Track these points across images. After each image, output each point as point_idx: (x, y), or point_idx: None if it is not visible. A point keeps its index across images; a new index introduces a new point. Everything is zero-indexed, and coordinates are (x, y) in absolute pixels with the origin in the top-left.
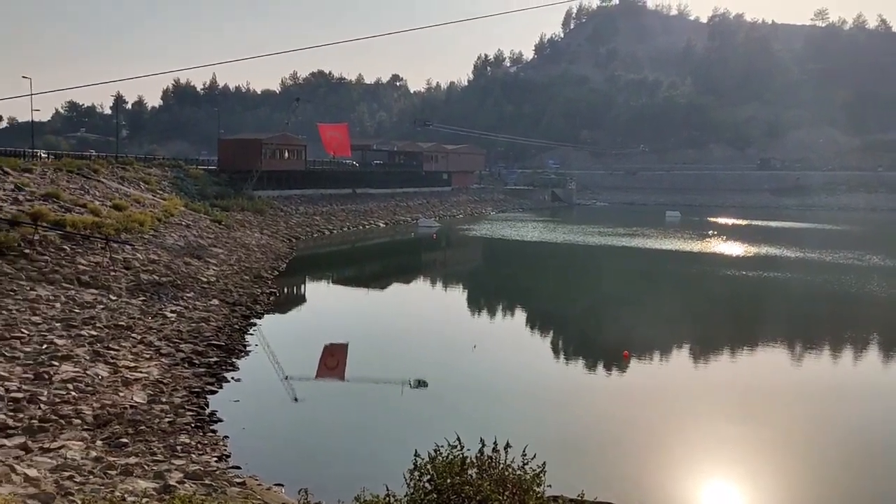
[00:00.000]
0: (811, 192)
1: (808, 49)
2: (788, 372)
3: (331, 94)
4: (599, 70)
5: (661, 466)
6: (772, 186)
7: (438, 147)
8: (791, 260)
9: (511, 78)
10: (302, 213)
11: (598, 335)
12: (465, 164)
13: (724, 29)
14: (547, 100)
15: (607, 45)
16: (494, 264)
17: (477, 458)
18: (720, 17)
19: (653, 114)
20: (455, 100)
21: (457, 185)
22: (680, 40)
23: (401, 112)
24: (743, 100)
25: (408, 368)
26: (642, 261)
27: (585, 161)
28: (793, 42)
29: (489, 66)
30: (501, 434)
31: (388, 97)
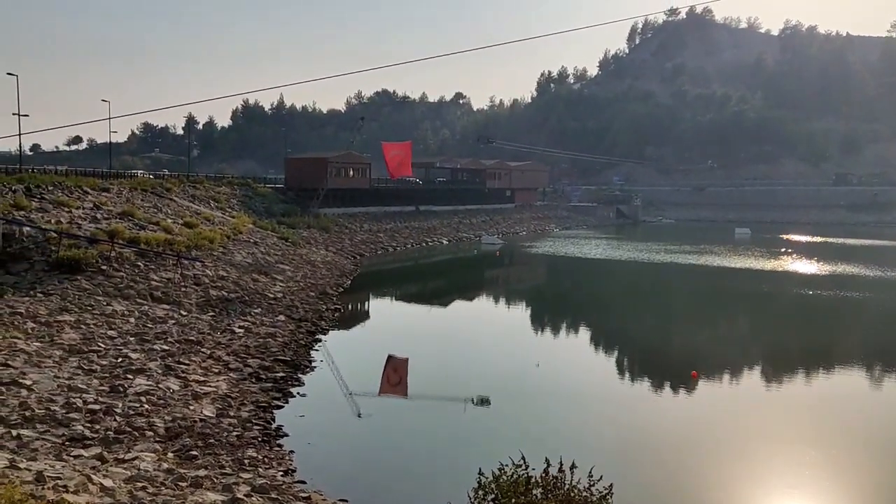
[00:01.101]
0: (890, 209)
1: (884, 61)
2: (864, 397)
3: (395, 112)
4: (665, 85)
5: (728, 490)
6: (848, 202)
7: (501, 164)
8: (869, 279)
9: (575, 94)
10: (366, 230)
11: (664, 354)
12: (528, 181)
13: (797, 41)
14: (611, 116)
15: (673, 59)
16: (558, 282)
17: (542, 478)
18: (792, 30)
19: (721, 129)
20: (518, 117)
21: (520, 201)
22: (750, 54)
23: (464, 129)
24: (817, 114)
25: (470, 385)
26: (710, 279)
27: (651, 177)
28: (869, 54)
29: (552, 82)
30: (566, 454)
31: (452, 115)
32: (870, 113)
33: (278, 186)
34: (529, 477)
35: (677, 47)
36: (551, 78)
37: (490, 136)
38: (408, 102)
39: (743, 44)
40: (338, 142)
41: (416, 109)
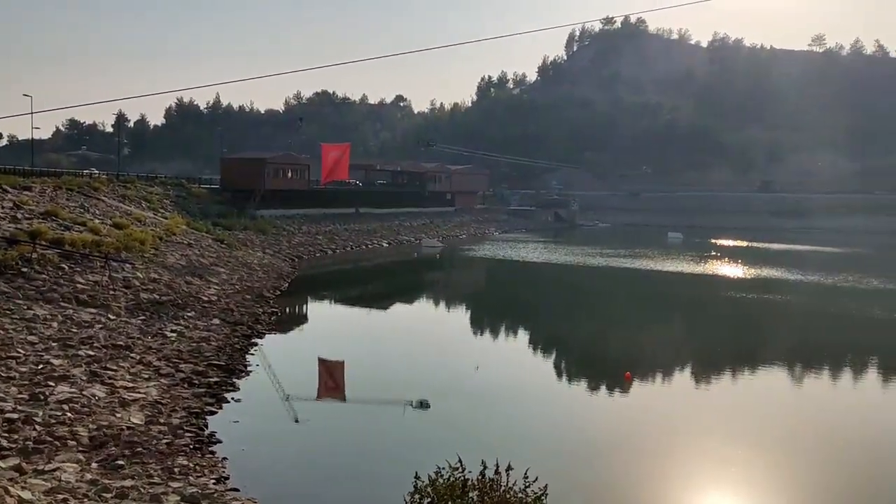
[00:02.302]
0: (811, 215)
1: (806, 74)
2: (789, 396)
3: (334, 113)
4: (602, 92)
5: (662, 486)
6: (772, 209)
7: (442, 167)
8: (791, 283)
9: (515, 99)
10: (305, 232)
11: (600, 356)
12: (469, 185)
13: (725, 54)
14: (550, 121)
15: (610, 67)
16: (497, 285)
17: (478, 481)
18: (720, 42)
19: (655, 136)
20: (459, 120)
21: (460, 205)
22: (681, 64)
23: (405, 132)
24: (744, 123)
25: (410, 389)
26: (644, 282)
27: (588, 182)
28: (792, 67)
29: (493, 87)
30: (504, 456)
31: (392, 117)
32: (792, 123)
33: (214, 187)
34: (466, 480)
35: (613, 55)
36: (491, 83)
37: (431, 139)
38: (348, 104)
39: (675, 54)
40: (276, 142)
41: (356, 111)
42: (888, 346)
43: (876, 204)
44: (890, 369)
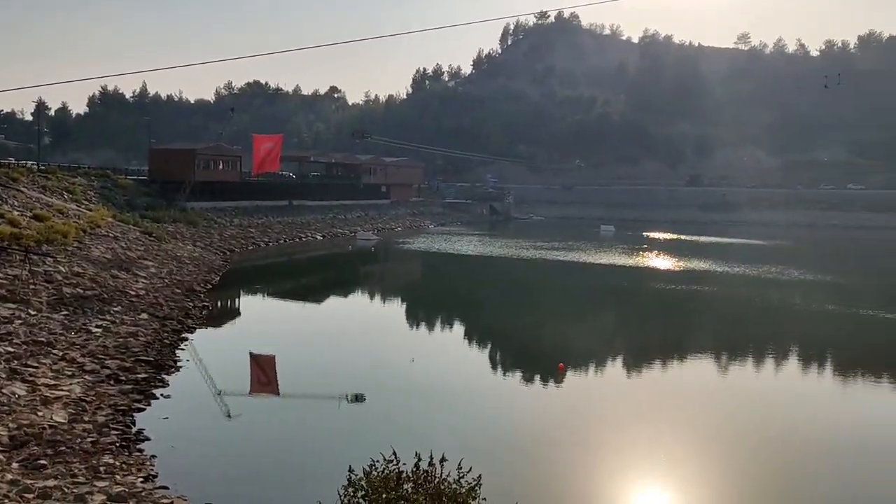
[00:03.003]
0: (736, 209)
1: (732, 71)
2: (716, 384)
3: (267, 104)
4: (536, 86)
5: (595, 475)
6: (700, 202)
7: (377, 160)
8: (719, 274)
9: (450, 92)
10: (237, 225)
11: (534, 348)
12: (404, 178)
13: (655, 50)
14: (485, 114)
15: (544, 61)
16: (432, 278)
17: (413, 473)
18: (650, 39)
19: (588, 130)
20: (394, 113)
21: (396, 198)
22: (613, 59)
23: (339, 124)
24: (673, 118)
25: (345, 382)
26: (577, 275)
27: (523, 175)
28: (718, 64)
29: (428, 79)
30: (439, 447)
31: (326, 109)
32: (719, 119)
33: (142, 178)
34: (401, 472)
35: (547, 50)
36: (426, 75)
37: (365, 131)
38: (280, 95)
39: (607, 49)
40: (207, 133)
41: (289, 102)
42: (808, 334)
43: (796, 198)
44: (809, 357)
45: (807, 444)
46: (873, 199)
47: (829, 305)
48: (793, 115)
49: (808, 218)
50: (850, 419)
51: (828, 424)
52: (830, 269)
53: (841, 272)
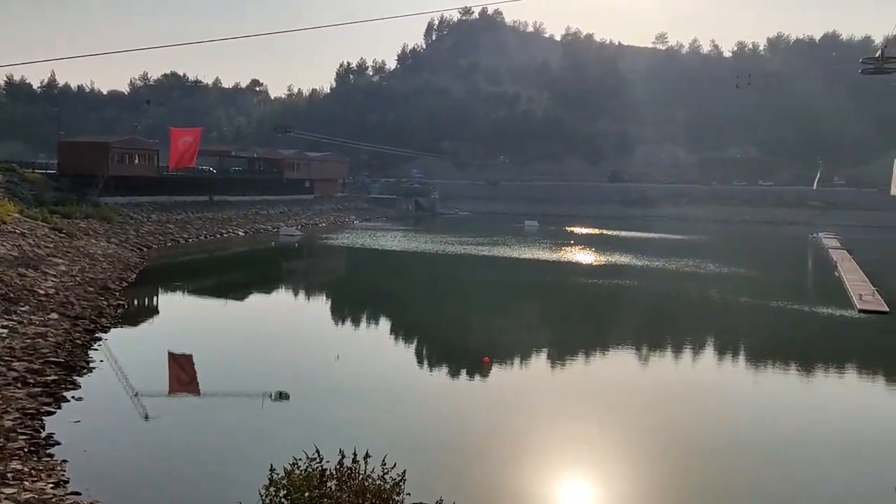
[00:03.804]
0: (655, 204)
1: (651, 70)
2: (637, 375)
3: (185, 97)
4: (461, 81)
5: (520, 468)
6: (621, 198)
7: (300, 154)
8: (639, 268)
9: (374, 87)
10: (154, 220)
11: (459, 343)
12: (328, 173)
13: (577, 48)
14: (410, 109)
15: (468, 57)
16: (357, 274)
17: (337, 470)
18: (572, 37)
19: (513, 126)
20: (317, 107)
21: (319, 193)
22: (537, 56)
23: (261, 118)
24: (595, 115)
25: (269, 381)
26: (502, 269)
27: (448, 171)
28: (637, 63)
29: (352, 73)
30: (364, 444)
31: (248, 102)
32: (639, 117)
33: (50, 172)
34: (324, 470)
35: (471, 46)
36: (350, 69)
37: (288, 125)
38: (199, 87)
39: (531, 46)
40: (121, 126)
41: (208, 95)
42: (723, 326)
43: (711, 194)
44: (725, 348)
45: (725, 434)
46: (782, 195)
47: (742, 298)
48: (708, 113)
49: (722, 213)
50: (765, 408)
51: (745, 414)
52: (743, 262)
53: (753, 265)
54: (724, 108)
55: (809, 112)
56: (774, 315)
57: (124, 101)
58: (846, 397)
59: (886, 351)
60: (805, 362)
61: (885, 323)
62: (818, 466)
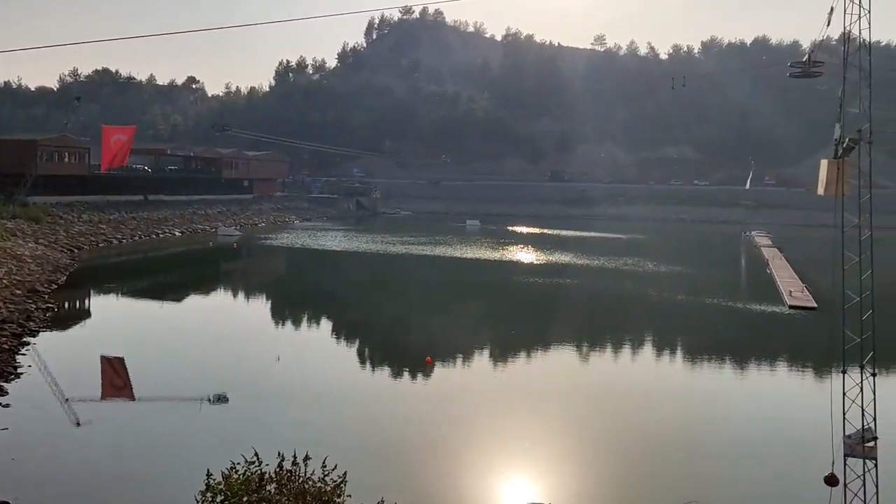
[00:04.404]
0: (595, 203)
1: (589, 71)
2: (576, 372)
3: (118, 94)
4: (402, 81)
5: (461, 466)
6: (561, 197)
7: (239, 153)
8: (580, 267)
9: (314, 85)
10: (86, 221)
11: (401, 342)
12: (268, 172)
13: (517, 48)
14: (351, 108)
15: (409, 56)
16: (298, 274)
17: (276, 473)
18: (513, 37)
19: (453, 125)
20: (256, 105)
21: (259, 192)
22: (478, 56)
23: (198, 116)
24: (535, 115)
25: (207, 383)
26: (443, 269)
27: (390, 170)
28: (576, 63)
29: (291, 72)
30: (305, 446)
31: (184, 100)
32: (578, 116)
33: None
34: (263, 473)
35: (412, 45)
36: (290, 67)
37: (226, 124)
38: (133, 84)
39: (471, 46)
40: (50, 123)
41: (143, 92)
42: (660, 322)
43: (649, 193)
44: (661, 343)
45: (661, 426)
46: (717, 194)
47: (679, 296)
48: (645, 114)
49: (660, 212)
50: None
51: (679, 407)
52: (680, 261)
53: (689, 264)
54: (660, 109)
55: (741, 113)
56: (710, 312)
57: (53, 99)
58: (776, 390)
59: (814, 345)
60: (738, 358)
61: (813, 318)
62: (746, 458)
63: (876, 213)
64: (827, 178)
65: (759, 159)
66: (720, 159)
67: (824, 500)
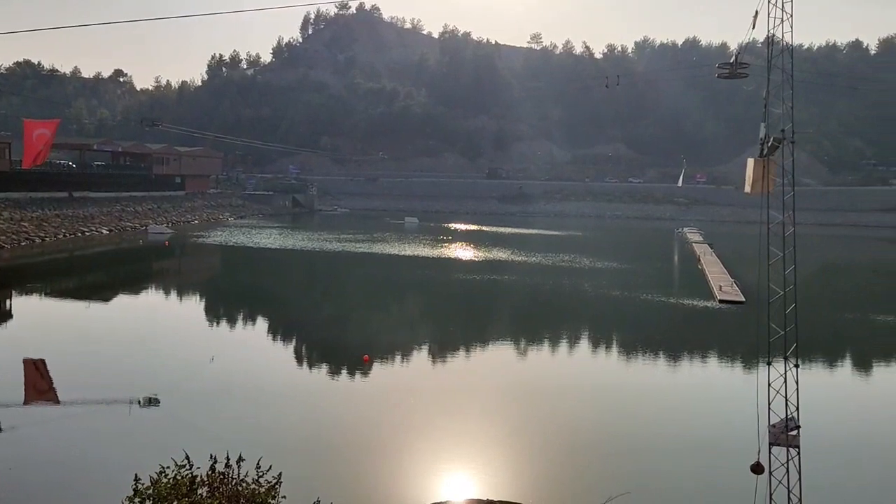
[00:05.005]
0: (532, 200)
1: (526, 69)
2: (512, 369)
3: (41, 87)
4: (339, 77)
5: (398, 465)
6: (499, 194)
7: (170, 149)
8: (518, 263)
9: (248, 80)
10: (6, 218)
11: (338, 340)
12: (201, 168)
13: (454, 45)
14: (286, 104)
15: (346, 52)
16: (232, 272)
17: (208, 476)
18: (450, 34)
19: (391, 122)
20: (188, 100)
21: (191, 189)
22: (415, 53)
23: (126, 110)
24: (473, 112)
25: (137, 386)
26: (381, 266)
27: (327, 167)
28: (513, 62)
29: (224, 66)
30: (240, 447)
31: (111, 94)
32: (515, 114)
33: None
34: (194, 476)
35: (348, 41)
36: (223, 61)
37: (156, 118)
38: (57, 76)
39: (408, 43)
40: None
41: (67, 85)
42: (596, 318)
43: (586, 190)
44: (596, 339)
45: (600, 425)
46: (651, 191)
47: (615, 291)
48: (581, 112)
49: (596, 209)
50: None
51: (621, 406)
52: (616, 257)
53: (624, 260)
54: (596, 108)
55: (673, 112)
56: (644, 307)
57: None
58: (706, 383)
59: (742, 339)
60: (670, 352)
61: (741, 312)
62: (677, 450)
63: (799, 210)
64: (753, 177)
65: (691, 157)
66: (654, 157)
67: (750, 489)
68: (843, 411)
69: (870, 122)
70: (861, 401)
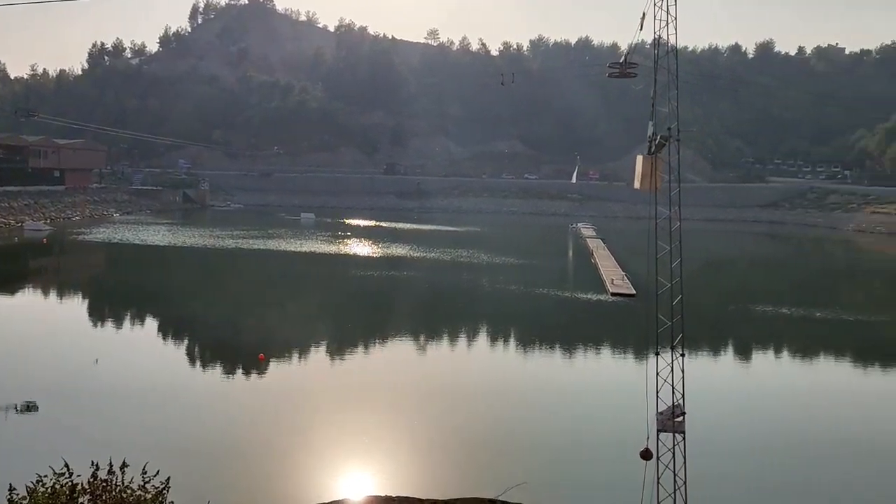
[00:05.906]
0: (430, 196)
1: (423, 65)
2: (410, 365)
3: None
4: (231, 69)
5: (291, 465)
6: (397, 190)
7: (48, 141)
8: (416, 259)
9: (134, 70)
10: None
11: (233, 340)
12: (82, 161)
13: (351, 39)
14: (175, 96)
15: (238, 44)
16: (118, 271)
17: (90, 484)
18: (346, 28)
19: (286, 117)
20: (68, 90)
21: (72, 184)
22: (310, 47)
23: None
24: (369, 108)
25: (14, 391)
26: (276, 263)
27: (219, 161)
28: (410, 57)
29: (107, 55)
30: (125, 452)
31: None
32: (412, 110)
33: None
34: (75, 485)
35: (241, 32)
36: (105, 50)
37: (32, 109)
38: None
39: (303, 36)
40: None
41: None
42: (493, 312)
43: (483, 187)
44: (494, 333)
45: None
46: (546, 188)
47: (511, 286)
48: (478, 109)
49: (493, 205)
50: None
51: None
52: (512, 252)
53: (521, 255)
54: (492, 105)
55: (567, 110)
56: (540, 301)
57: None
58: (599, 373)
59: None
60: (565, 344)
61: (632, 304)
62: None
63: (685, 206)
64: (642, 173)
65: (585, 154)
66: (548, 154)
67: (640, 474)
68: (726, 398)
69: (748, 123)
70: (741, 387)
